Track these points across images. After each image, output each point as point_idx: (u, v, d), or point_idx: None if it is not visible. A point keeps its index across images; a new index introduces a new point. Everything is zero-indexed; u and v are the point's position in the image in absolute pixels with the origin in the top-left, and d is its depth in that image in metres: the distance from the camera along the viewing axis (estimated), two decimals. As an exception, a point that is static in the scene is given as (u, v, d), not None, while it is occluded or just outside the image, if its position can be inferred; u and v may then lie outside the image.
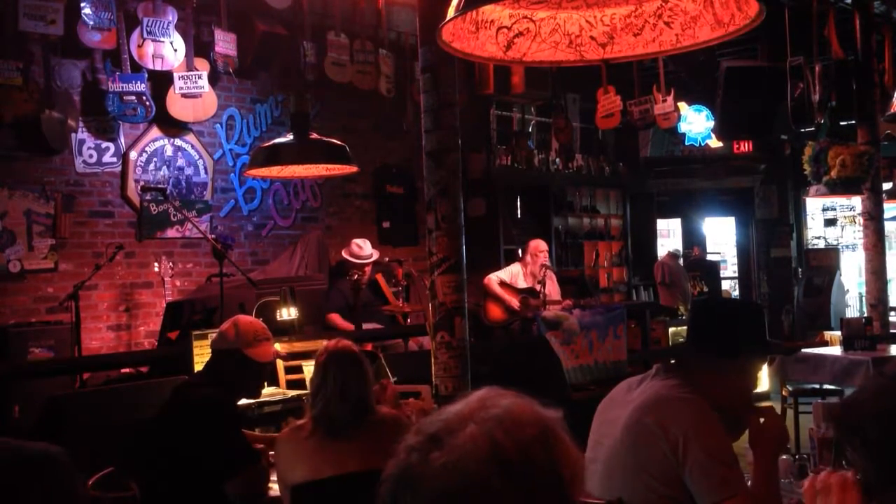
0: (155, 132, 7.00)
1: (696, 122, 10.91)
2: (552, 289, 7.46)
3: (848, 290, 11.00)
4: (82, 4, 5.80)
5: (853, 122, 7.63)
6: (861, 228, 8.25)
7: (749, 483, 2.30)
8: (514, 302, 7.39)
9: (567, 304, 7.44)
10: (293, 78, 6.94)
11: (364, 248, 6.50)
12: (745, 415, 2.36)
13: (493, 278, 7.54)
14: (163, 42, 6.22)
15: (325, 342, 4.67)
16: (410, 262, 7.75)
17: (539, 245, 7.60)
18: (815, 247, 11.60)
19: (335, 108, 8.01)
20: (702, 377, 2.30)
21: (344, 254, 6.59)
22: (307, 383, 4.68)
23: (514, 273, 7.60)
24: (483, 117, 9.56)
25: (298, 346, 5.08)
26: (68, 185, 6.53)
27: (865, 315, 7.29)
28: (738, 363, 2.34)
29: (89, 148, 6.64)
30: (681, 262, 10.69)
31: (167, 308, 6.15)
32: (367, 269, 6.51)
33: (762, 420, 2.29)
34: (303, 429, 2.75)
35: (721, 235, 12.73)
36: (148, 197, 6.85)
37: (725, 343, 2.34)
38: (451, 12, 2.28)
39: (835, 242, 11.67)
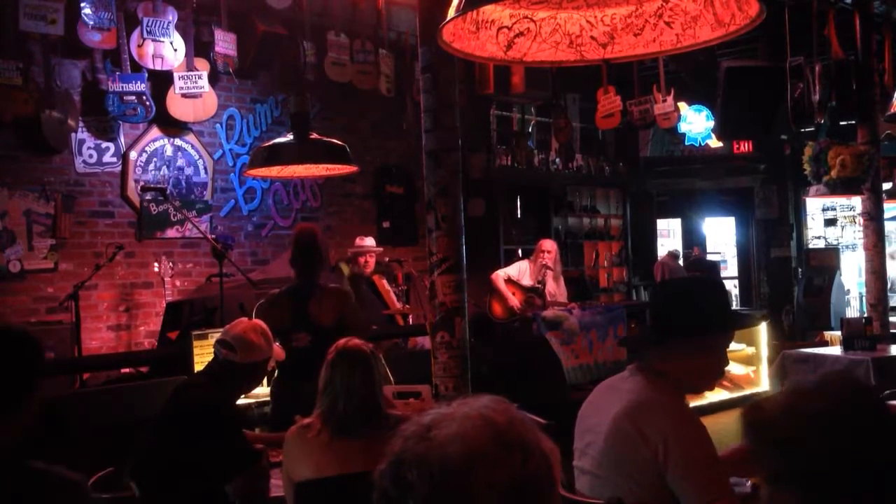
0: (155, 132, 7.00)
1: (696, 122, 10.91)
2: (554, 289, 7.45)
3: (849, 291, 10.99)
4: (82, 4, 5.79)
5: (853, 122, 7.62)
6: (861, 228, 8.25)
7: (749, 482, 2.29)
8: (515, 302, 7.38)
9: (571, 306, 7.44)
10: (293, 78, 6.94)
11: (366, 240, 6.59)
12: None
13: (501, 274, 7.56)
14: (163, 42, 6.22)
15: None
16: (410, 262, 7.75)
17: (543, 245, 7.60)
18: (815, 247, 11.60)
19: (335, 108, 8.01)
20: (673, 366, 2.26)
21: (349, 251, 6.65)
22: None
23: (521, 269, 7.60)
24: (483, 117, 9.56)
25: (298, 346, 5.07)
26: (68, 185, 6.53)
27: (865, 315, 7.29)
28: (705, 341, 2.28)
29: (89, 148, 6.64)
30: (681, 262, 10.68)
31: (167, 308, 6.15)
32: (370, 260, 6.53)
33: None
34: (311, 427, 2.75)
35: (721, 235, 12.74)
36: (148, 197, 6.85)
37: (687, 323, 2.27)
38: (451, 12, 2.28)
39: (835, 242, 11.67)
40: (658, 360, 2.29)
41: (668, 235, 12.46)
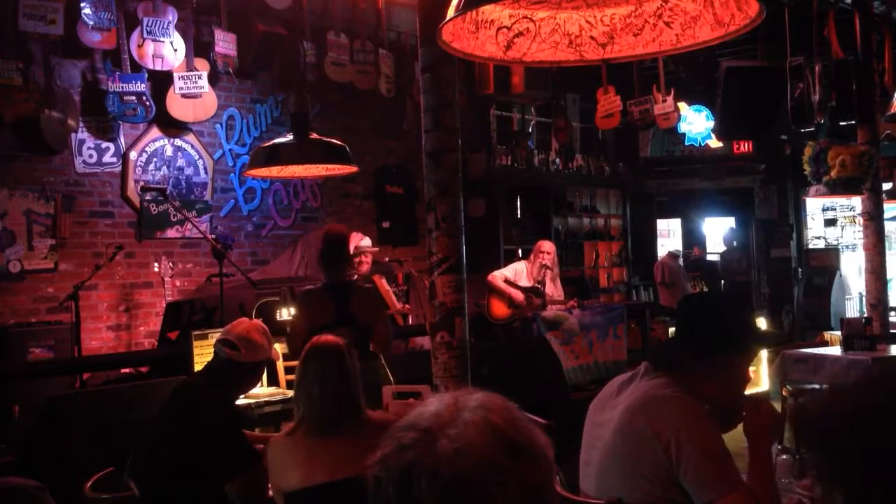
0: (155, 132, 7.00)
1: (696, 122, 10.91)
2: (552, 290, 7.45)
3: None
4: (82, 4, 5.80)
5: (853, 122, 7.62)
6: (861, 228, 8.25)
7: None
8: (519, 294, 7.35)
9: (571, 304, 7.43)
10: (293, 78, 6.94)
11: (363, 240, 6.60)
12: (738, 407, 2.33)
13: (498, 275, 7.54)
14: (163, 42, 6.22)
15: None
16: (410, 262, 7.75)
17: (542, 245, 7.58)
18: (815, 247, 11.60)
19: (335, 108, 8.01)
20: (691, 375, 2.26)
21: None
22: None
23: (517, 270, 7.59)
24: (483, 117, 9.56)
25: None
26: (68, 185, 6.53)
27: (865, 315, 7.28)
28: (727, 358, 2.29)
29: (89, 148, 6.64)
30: (681, 262, 10.68)
31: (167, 308, 6.16)
32: (365, 260, 6.53)
33: (757, 409, 2.26)
34: (291, 431, 2.72)
35: (721, 235, 12.73)
36: (148, 197, 6.86)
37: (712, 339, 2.29)
38: (451, 12, 2.28)
39: (835, 242, 11.67)
40: (679, 371, 2.28)
41: (668, 235, 12.46)
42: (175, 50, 6.29)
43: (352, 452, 2.50)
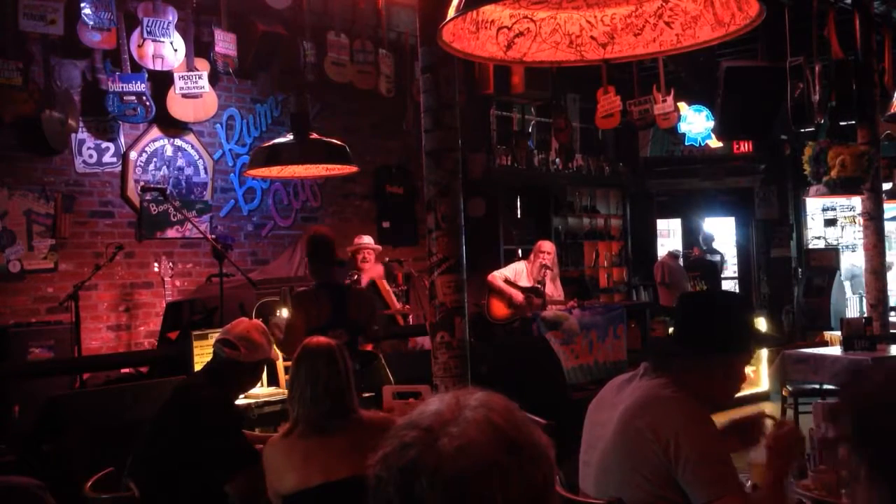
0: (155, 132, 7.00)
1: (696, 122, 10.91)
2: (552, 290, 7.45)
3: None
4: (82, 4, 5.79)
5: (853, 122, 7.62)
6: (861, 228, 8.25)
7: (750, 482, 2.30)
8: (519, 295, 7.35)
9: (571, 304, 7.42)
10: (293, 78, 6.94)
11: (364, 238, 6.63)
12: (758, 422, 2.34)
13: (497, 275, 7.54)
14: (163, 42, 6.22)
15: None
16: (410, 262, 7.74)
17: (542, 245, 7.58)
18: (815, 247, 11.60)
19: (335, 108, 8.02)
20: (690, 374, 2.27)
21: (347, 250, 6.66)
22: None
23: (517, 271, 7.59)
24: (483, 117, 9.56)
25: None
26: (68, 185, 6.53)
27: (865, 315, 7.28)
28: (726, 358, 2.31)
29: (89, 148, 6.64)
30: (681, 262, 10.69)
31: (167, 308, 6.15)
32: (368, 256, 6.55)
33: (780, 429, 2.27)
34: (288, 434, 2.73)
35: (721, 235, 12.73)
36: (148, 197, 6.86)
37: (712, 338, 2.29)
38: (451, 12, 2.28)
39: (835, 242, 11.67)
40: (678, 371, 2.29)
41: (668, 235, 12.46)
42: (175, 50, 6.28)
43: (348, 452, 2.51)
